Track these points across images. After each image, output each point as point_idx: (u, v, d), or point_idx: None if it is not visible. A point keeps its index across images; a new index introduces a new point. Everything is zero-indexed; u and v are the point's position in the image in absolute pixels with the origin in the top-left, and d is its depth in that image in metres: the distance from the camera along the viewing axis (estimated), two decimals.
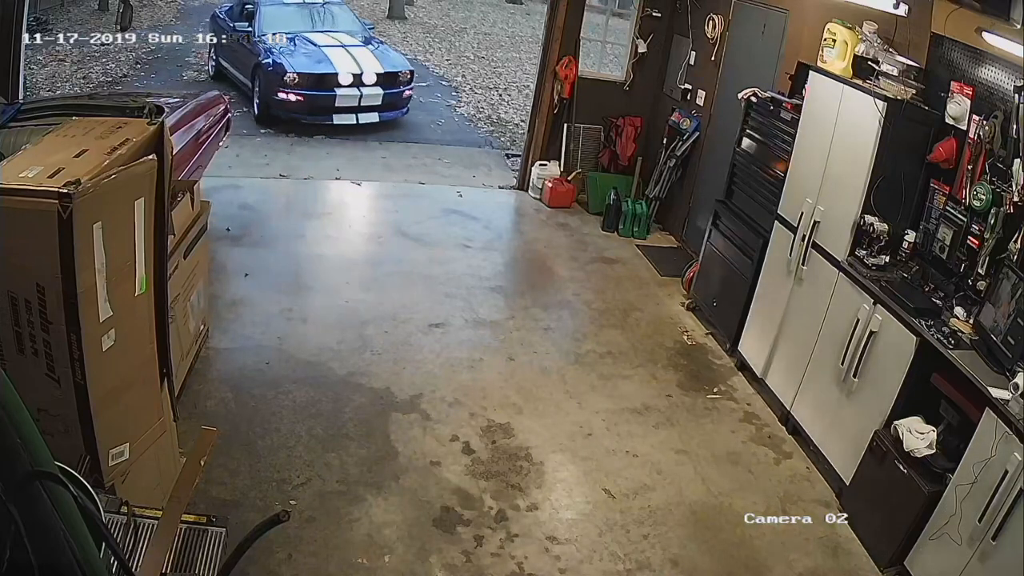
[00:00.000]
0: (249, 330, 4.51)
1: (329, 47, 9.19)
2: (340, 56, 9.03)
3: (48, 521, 1.09)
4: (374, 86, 8.91)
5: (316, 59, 8.87)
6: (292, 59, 8.71)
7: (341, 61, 8.92)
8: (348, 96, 8.75)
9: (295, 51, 8.95)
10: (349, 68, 8.87)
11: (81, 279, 2.12)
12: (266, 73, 8.65)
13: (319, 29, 9.84)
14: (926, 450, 3.26)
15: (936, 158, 3.72)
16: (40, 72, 9.34)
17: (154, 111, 2.60)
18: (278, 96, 8.46)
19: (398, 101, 9.33)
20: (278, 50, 8.91)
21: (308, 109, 8.54)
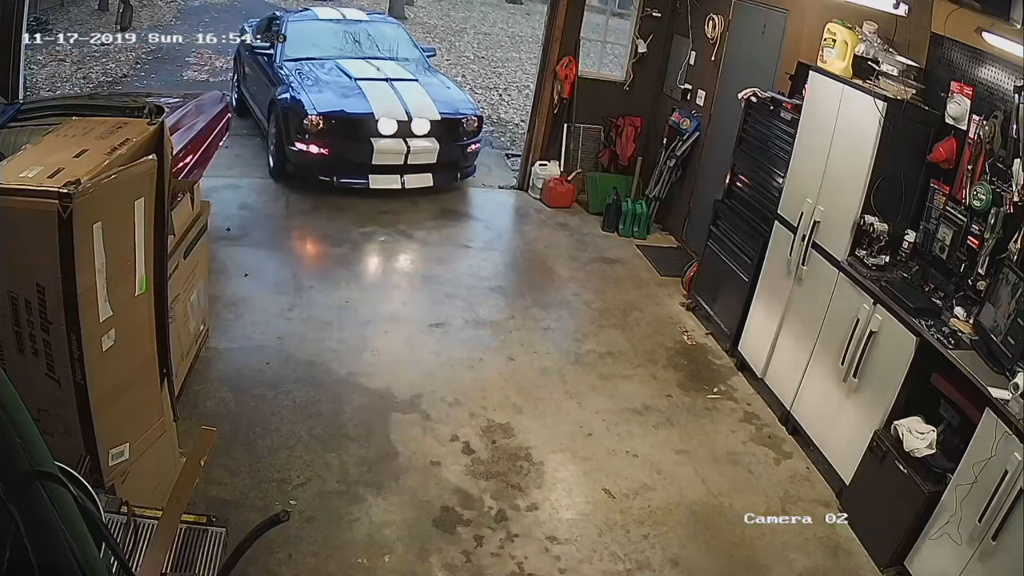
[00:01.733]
0: (249, 330, 4.51)
1: (368, 80, 6.93)
2: (381, 94, 6.73)
3: (48, 521, 1.09)
4: (427, 137, 6.61)
5: (348, 96, 6.66)
6: (315, 95, 6.55)
7: (382, 101, 6.62)
8: (390, 151, 6.49)
9: (322, 84, 6.83)
10: (392, 111, 6.52)
11: (81, 279, 2.12)
12: (282, 112, 6.54)
13: (359, 55, 7.66)
14: (926, 450, 3.26)
15: (936, 158, 3.72)
16: (40, 72, 9.33)
17: (154, 111, 2.60)
18: (295, 146, 6.34)
19: (461, 158, 6.94)
20: (299, 81, 6.78)
21: (335, 166, 6.43)
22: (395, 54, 7.91)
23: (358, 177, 6.50)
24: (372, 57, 7.66)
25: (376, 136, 6.46)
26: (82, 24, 11.85)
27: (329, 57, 7.45)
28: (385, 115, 6.49)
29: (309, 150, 6.36)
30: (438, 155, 6.69)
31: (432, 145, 6.65)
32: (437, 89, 7.19)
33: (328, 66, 7.26)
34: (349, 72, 7.10)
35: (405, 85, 7.01)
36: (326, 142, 6.35)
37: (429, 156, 6.65)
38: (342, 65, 7.26)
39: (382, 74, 7.19)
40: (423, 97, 6.87)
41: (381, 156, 6.49)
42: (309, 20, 8.23)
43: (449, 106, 6.90)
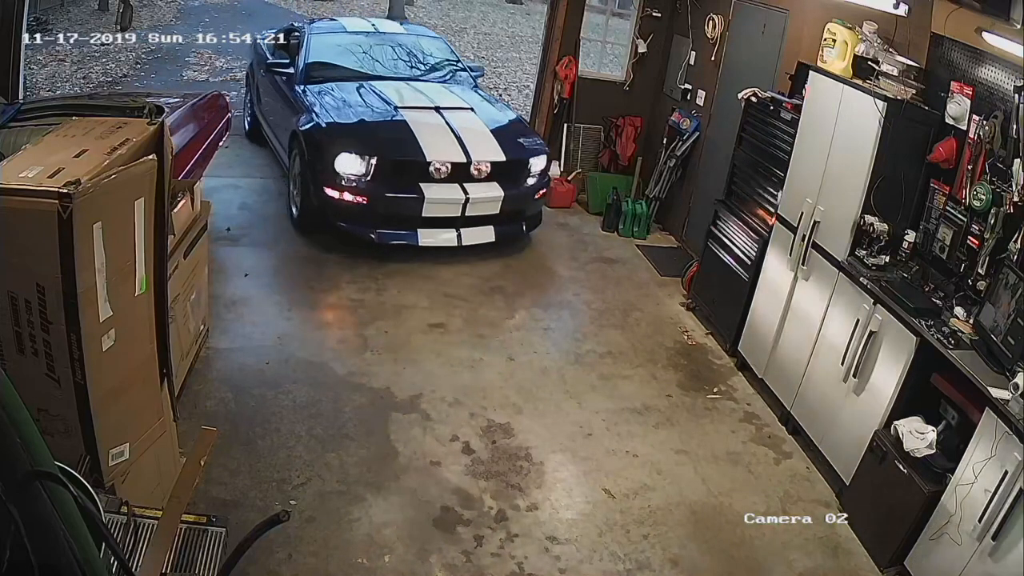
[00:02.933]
0: (249, 330, 4.51)
1: (413, 110, 5.76)
2: (431, 128, 5.56)
3: (48, 521, 1.09)
4: (488, 181, 5.50)
5: (390, 130, 5.50)
6: (349, 128, 5.51)
7: (433, 137, 5.47)
8: (445, 200, 5.35)
9: (355, 113, 5.69)
10: (446, 151, 5.40)
11: (81, 279, 2.12)
12: (307, 148, 5.45)
13: (398, 75, 6.45)
14: (926, 450, 3.26)
15: (936, 158, 3.72)
16: (40, 72, 9.33)
17: (154, 111, 2.60)
18: (326, 192, 5.29)
19: (528, 204, 5.82)
20: (327, 109, 5.67)
21: (376, 218, 5.35)
22: (440, 74, 6.72)
23: (405, 232, 5.37)
24: (413, 78, 6.51)
25: (427, 182, 5.33)
26: (82, 24, 11.85)
27: (361, 77, 6.30)
28: (439, 157, 5.33)
29: (343, 199, 5.24)
30: (502, 204, 5.53)
31: (495, 192, 5.48)
32: (497, 121, 5.98)
33: (361, 89, 6.08)
34: (388, 98, 5.89)
35: (458, 116, 5.81)
36: (365, 189, 5.25)
37: (491, 206, 5.50)
38: (378, 89, 6.05)
39: (429, 101, 5.98)
40: (482, 132, 5.69)
41: (434, 207, 5.32)
42: (335, 32, 6.93)
43: (514, 144, 5.72)
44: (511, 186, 5.60)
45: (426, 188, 5.31)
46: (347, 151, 5.25)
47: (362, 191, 5.25)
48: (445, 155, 5.38)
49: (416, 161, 5.33)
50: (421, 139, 5.40)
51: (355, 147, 5.29)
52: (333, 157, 5.23)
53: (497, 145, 5.61)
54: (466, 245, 5.53)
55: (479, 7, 18.87)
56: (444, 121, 5.69)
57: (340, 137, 5.39)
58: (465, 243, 5.50)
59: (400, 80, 6.38)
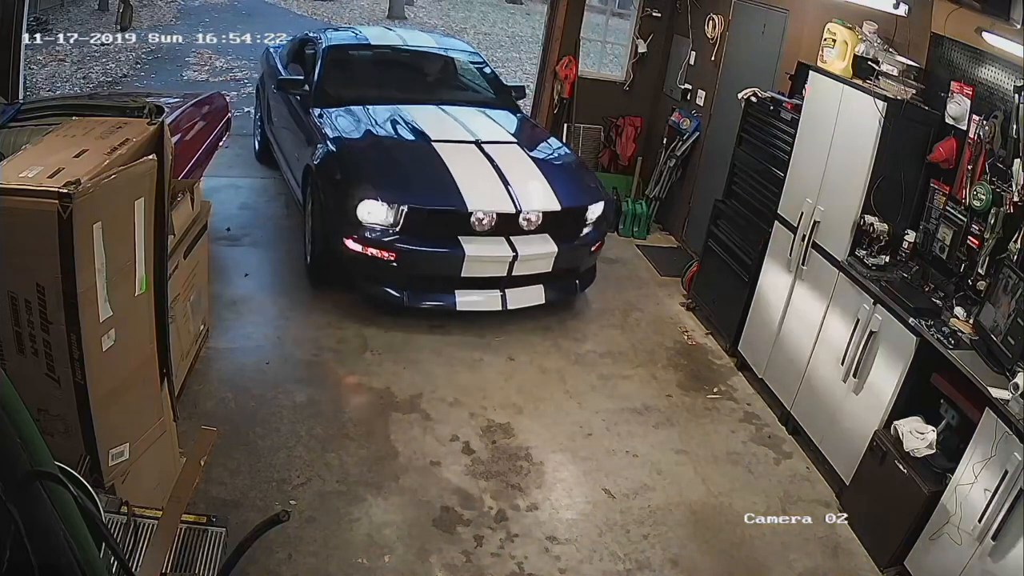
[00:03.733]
0: (249, 330, 4.51)
1: (450, 144, 4.93)
2: (472, 168, 4.75)
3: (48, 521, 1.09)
4: (539, 232, 4.68)
5: (423, 171, 4.71)
6: (374, 167, 4.72)
7: (475, 180, 4.65)
8: (488, 257, 4.53)
9: (382, 147, 4.94)
10: (491, 199, 4.58)
11: (81, 279, 2.12)
12: (323, 190, 4.70)
13: (430, 98, 5.69)
14: (926, 450, 3.26)
15: (936, 158, 3.72)
16: (40, 72, 9.33)
17: (154, 111, 2.59)
18: (346, 244, 4.49)
19: (582, 259, 5.00)
20: (346, 142, 4.90)
21: (407, 278, 4.56)
22: (478, 97, 5.94)
23: (440, 294, 4.60)
24: (448, 102, 5.65)
25: (468, 235, 4.52)
26: (82, 24, 11.85)
27: (387, 100, 5.43)
28: (483, 206, 4.50)
29: (366, 253, 4.44)
30: (555, 261, 4.69)
31: (548, 248, 4.65)
32: (547, 157, 5.14)
33: (387, 115, 5.22)
34: (420, 127, 5.07)
35: (503, 152, 4.93)
36: (393, 243, 4.43)
37: (543, 263, 4.68)
38: (407, 115, 5.22)
39: (468, 133, 5.12)
40: (532, 173, 4.84)
41: (475, 265, 4.49)
42: (356, 46, 6.12)
43: (570, 188, 4.88)
44: (566, 239, 4.75)
45: (467, 243, 4.48)
46: (372, 197, 4.41)
47: (389, 245, 4.42)
48: (490, 204, 4.54)
49: (455, 211, 4.48)
50: (461, 183, 4.55)
51: (381, 192, 4.44)
52: (355, 204, 4.41)
53: (550, 190, 4.74)
54: (512, 309, 4.74)
55: (479, 7, 18.87)
56: (487, 159, 4.83)
57: (363, 179, 4.55)
58: (511, 306, 4.69)
59: (433, 104, 5.55)
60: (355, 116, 5.23)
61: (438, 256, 4.50)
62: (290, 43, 6.69)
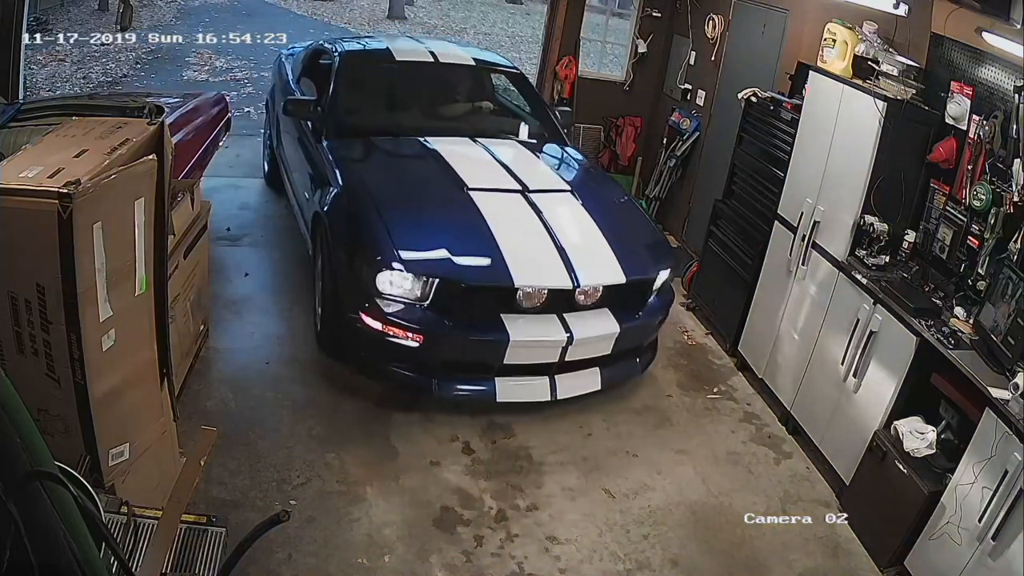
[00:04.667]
0: (249, 330, 4.51)
1: (491, 194, 4.10)
2: (519, 229, 3.92)
3: (48, 521, 1.09)
4: (598, 307, 3.90)
5: (460, 234, 3.84)
6: (398, 220, 3.81)
7: (522, 246, 3.81)
8: (536, 342, 3.75)
9: (405, 192, 4.15)
10: (541, 270, 3.76)
11: (81, 279, 2.12)
12: (333, 248, 3.92)
13: (464, 129, 4.91)
14: (926, 450, 3.27)
15: (936, 158, 3.72)
16: (40, 72, 9.33)
17: (154, 111, 2.59)
18: (363, 319, 3.70)
19: (647, 335, 4.24)
20: (365, 183, 4.14)
21: (436, 362, 3.78)
22: (520, 128, 5.05)
23: (476, 381, 3.82)
24: (486, 133, 4.82)
25: (513, 312, 3.71)
26: (82, 24, 11.85)
27: (414, 131, 4.65)
28: (532, 280, 3.67)
29: (386, 332, 3.64)
30: (616, 342, 3.90)
31: (608, 328, 3.85)
32: (607, 209, 4.26)
33: (413, 152, 4.48)
34: (454, 168, 4.23)
35: (556, 206, 4.14)
36: (420, 323, 3.63)
37: (602, 346, 3.89)
38: (438, 152, 4.40)
39: (511, 176, 4.26)
40: (591, 234, 3.99)
41: (521, 351, 3.70)
42: (377, 62, 5.23)
43: (636, 252, 4.02)
44: (629, 314, 3.94)
45: (511, 323, 3.67)
46: (394, 266, 3.59)
47: (415, 326, 3.62)
48: (541, 277, 3.71)
49: (498, 287, 3.68)
50: (505, 248, 3.70)
51: (407, 259, 3.60)
52: (373, 273, 3.61)
53: (612, 256, 3.89)
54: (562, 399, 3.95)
55: (479, 7, 18.87)
56: (536, 215, 3.98)
57: (383, 240, 3.67)
58: (561, 396, 3.90)
59: (469, 137, 4.73)
60: (374, 152, 4.49)
61: (476, 342, 3.71)
62: (302, 53, 5.88)
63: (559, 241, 3.88)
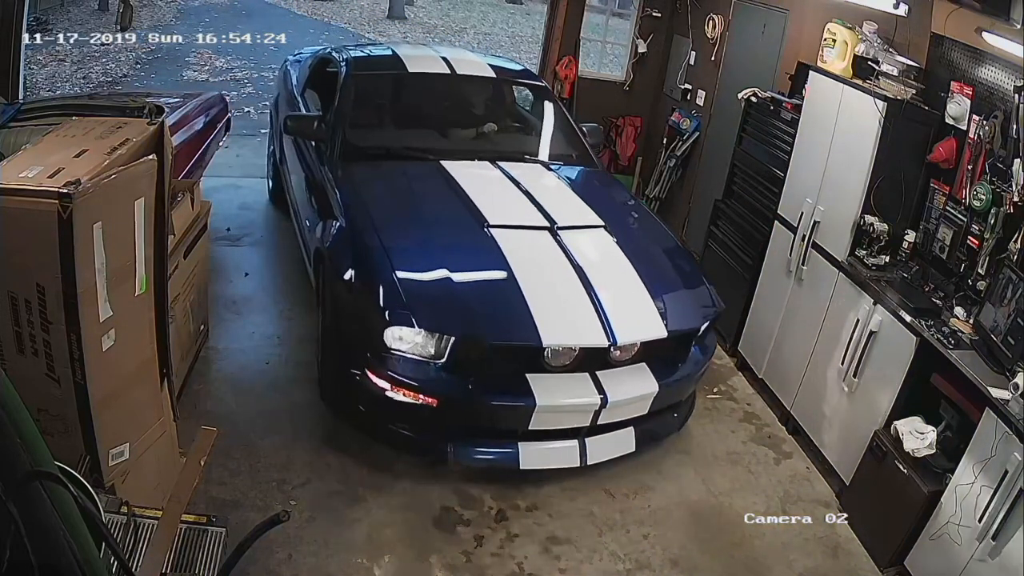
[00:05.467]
0: (249, 330, 4.51)
1: (515, 233, 3.68)
2: (548, 274, 3.51)
3: (48, 521, 1.09)
4: (632, 362, 3.48)
5: (480, 283, 3.47)
6: (408, 267, 3.39)
7: (551, 296, 3.40)
8: (565, 407, 3.34)
9: (419, 233, 3.66)
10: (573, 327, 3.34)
11: (81, 279, 2.12)
12: (335, 294, 3.53)
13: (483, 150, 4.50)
14: (926, 450, 3.26)
15: (936, 158, 3.72)
16: (40, 72, 9.33)
17: (154, 111, 2.59)
18: (370, 378, 3.29)
19: (683, 390, 3.77)
20: (373, 219, 3.67)
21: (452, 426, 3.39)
22: (546, 149, 4.63)
23: (497, 446, 3.40)
24: (508, 157, 4.39)
25: (540, 372, 3.30)
26: (82, 24, 11.86)
27: (428, 153, 4.26)
28: (563, 340, 3.27)
29: (396, 394, 3.24)
30: (654, 402, 3.50)
31: (646, 387, 3.44)
32: (644, 250, 3.84)
33: (427, 179, 4.07)
34: (473, 200, 3.81)
35: (588, 245, 3.71)
36: (434, 384, 3.23)
37: (638, 406, 3.49)
38: (455, 179, 4.01)
39: (538, 210, 3.84)
40: (629, 281, 3.56)
41: (548, 418, 3.31)
42: (387, 72, 4.85)
43: (679, 300, 3.62)
44: (669, 371, 3.54)
45: (538, 385, 3.26)
46: (404, 320, 3.17)
47: (429, 387, 3.21)
48: (573, 334, 3.29)
49: (523, 346, 3.26)
50: (532, 300, 3.28)
51: (418, 312, 3.18)
52: (380, 328, 3.19)
53: (653, 307, 3.47)
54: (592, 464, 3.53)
55: (479, 7, 18.87)
56: (567, 258, 3.54)
57: (392, 289, 3.27)
58: (591, 461, 3.49)
59: (489, 161, 4.30)
60: (384, 179, 4.05)
61: (497, 407, 3.29)
62: (309, 60, 5.47)
63: (593, 289, 3.43)
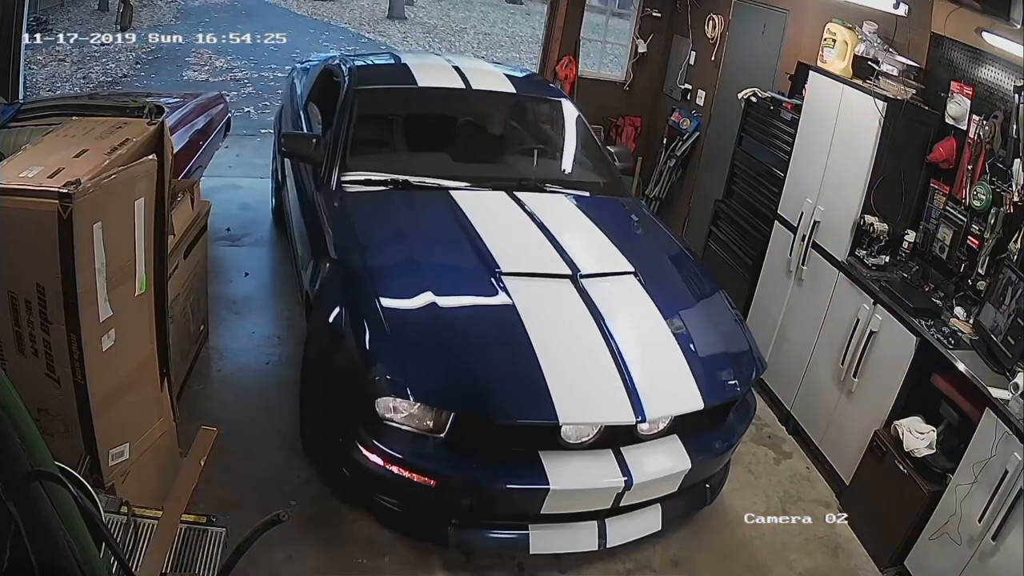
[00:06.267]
0: (249, 330, 4.51)
1: (531, 283, 3.14)
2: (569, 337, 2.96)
3: (48, 521, 1.09)
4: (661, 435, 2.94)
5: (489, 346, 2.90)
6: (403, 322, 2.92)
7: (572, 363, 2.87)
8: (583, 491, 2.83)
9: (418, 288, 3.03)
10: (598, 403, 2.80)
11: (81, 279, 2.12)
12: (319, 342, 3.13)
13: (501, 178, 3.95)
14: (926, 450, 3.26)
15: (936, 158, 3.72)
16: (40, 72, 9.33)
17: (154, 111, 2.60)
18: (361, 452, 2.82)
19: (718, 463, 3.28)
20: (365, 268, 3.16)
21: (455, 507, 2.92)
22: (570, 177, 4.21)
23: (503, 529, 2.96)
24: (527, 186, 3.87)
25: (555, 449, 2.80)
26: (82, 24, 11.86)
27: (436, 181, 3.77)
28: (583, 417, 2.78)
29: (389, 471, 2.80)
30: (685, 479, 3.00)
31: (676, 464, 2.95)
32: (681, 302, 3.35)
33: (434, 211, 3.61)
34: (484, 240, 3.32)
35: (616, 298, 3.18)
36: (433, 462, 2.78)
37: (667, 485, 3.01)
38: (466, 213, 3.52)
39: (559, 254, 3.32)
40: (663, 344, 3.06)
41: (563, 501, 2.84)
42: (394, 86, 4.38)
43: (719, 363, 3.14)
44: (703, 443, 3.03)
45: (552, 465, 2.77)
46: (397, 391, 2.71)
47: (427, 466, 2.77)
48: (594, 409, 2.80)
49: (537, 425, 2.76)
50: (549, 369, 2.77)
51: (414, 383, 2.71)
52: (370, 397, 2.74)
53: (689, 373, 2.95)
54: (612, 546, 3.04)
55: (479, 7, 18.87)
56: (591, 313, 3.02)
57: (387, 355, 2.81)
58: (612, 544, 3.02)
59: (505, 192, 3.77)
60: (383, 214, 3.54)
61: (506, 491, 2.81)
62: (315, 69, 4.95)
63: (619, 353, 2.89)
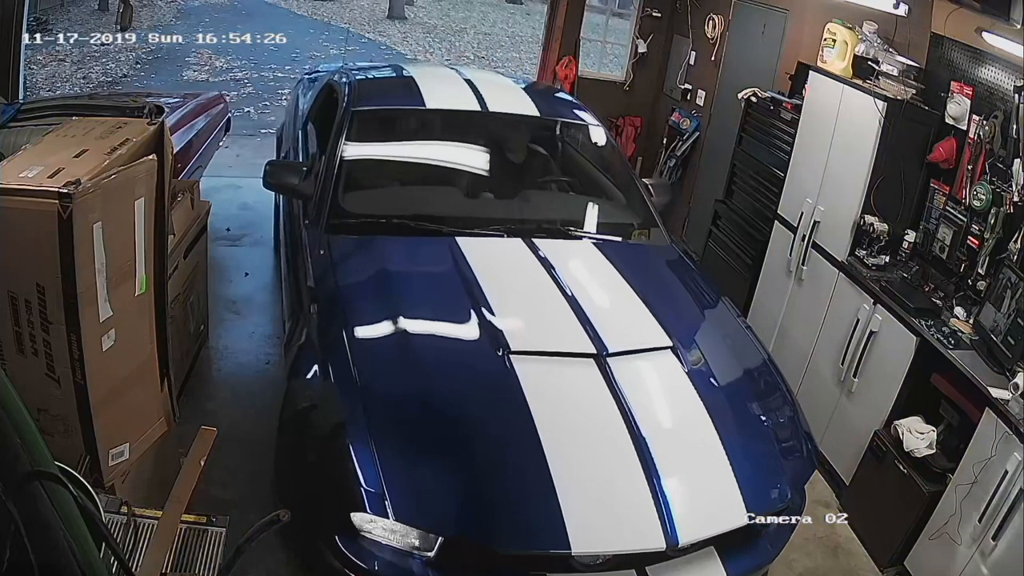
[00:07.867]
0: (249, 330, 4.51)
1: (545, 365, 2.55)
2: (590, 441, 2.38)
3: (48, 521, 1.09)
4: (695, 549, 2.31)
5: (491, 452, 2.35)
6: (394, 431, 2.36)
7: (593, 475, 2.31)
8: None
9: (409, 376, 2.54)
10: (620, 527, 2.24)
11: (81, 279, 2.12)
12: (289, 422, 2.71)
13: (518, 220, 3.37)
14: (926, 450, 3.26)
15: (936, 158, 3.72)
16: (40, 72, 9.33)
17: (154, 111, 2.59)
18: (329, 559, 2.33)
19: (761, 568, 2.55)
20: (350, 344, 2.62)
21: None
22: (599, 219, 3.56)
23: None
24: (547, 231, 3.33)
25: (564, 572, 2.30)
26: (82, 24, 11.86)
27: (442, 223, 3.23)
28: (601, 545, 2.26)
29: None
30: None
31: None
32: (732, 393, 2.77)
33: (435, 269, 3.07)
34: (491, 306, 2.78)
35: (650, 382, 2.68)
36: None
37: None
38: (471, 265, 2.99)
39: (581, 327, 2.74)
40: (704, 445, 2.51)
41: None
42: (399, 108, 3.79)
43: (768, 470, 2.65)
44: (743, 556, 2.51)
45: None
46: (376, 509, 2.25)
47: None
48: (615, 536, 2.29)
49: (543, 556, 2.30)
50: (562, 483, 2.28)
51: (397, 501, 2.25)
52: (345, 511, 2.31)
53: (732, 483, 2.44)
54: None
55: (479, 7, 18.87)
56: (617, 406, 2.48)
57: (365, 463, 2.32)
58: None
59: (522, 239, 3.21)
60: (376, 269, 3.02)
61: None
62: (320, 82, 4.42)
63: (651, 460, 2.35)
